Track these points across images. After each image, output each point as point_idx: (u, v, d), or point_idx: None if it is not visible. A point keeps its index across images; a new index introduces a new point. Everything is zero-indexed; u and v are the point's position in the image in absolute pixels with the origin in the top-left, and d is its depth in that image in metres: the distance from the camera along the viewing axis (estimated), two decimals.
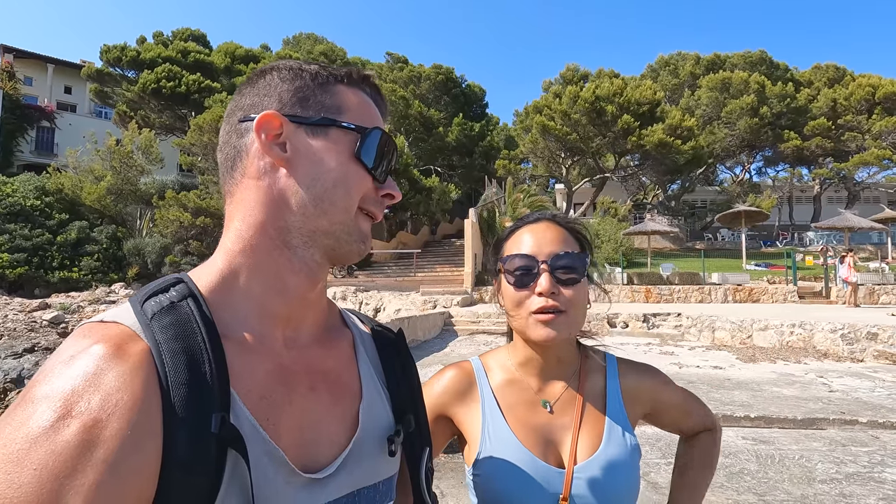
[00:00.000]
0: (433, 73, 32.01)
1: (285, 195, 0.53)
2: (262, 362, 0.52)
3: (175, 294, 0.50)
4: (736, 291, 15.99)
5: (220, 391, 0.45)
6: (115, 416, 0.39)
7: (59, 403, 0.39)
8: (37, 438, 0.37)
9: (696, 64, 32.58)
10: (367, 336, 0.68)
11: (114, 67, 28.10)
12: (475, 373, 0.93)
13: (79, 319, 12.63)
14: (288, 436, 0.50)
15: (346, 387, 0.59)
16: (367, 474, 0.56)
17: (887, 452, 4.57)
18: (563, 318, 0.82)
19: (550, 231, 0.87)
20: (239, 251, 0.53)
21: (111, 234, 20.51)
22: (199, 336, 0.47)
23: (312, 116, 0.55)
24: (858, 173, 29.18)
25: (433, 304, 14.56)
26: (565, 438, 0.86)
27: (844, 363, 8.68)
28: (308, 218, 0.53)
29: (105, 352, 0.42)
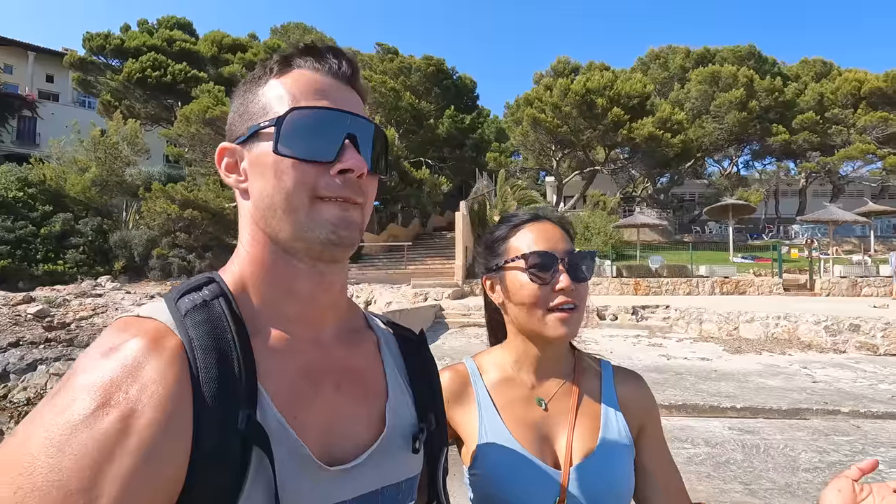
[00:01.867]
0: (424, 65, 31.76)
1: (255, 214, 0.55)
2: (289, 361, 0.53)
3: (207, 293, 0.52)
4: (723, 284, 16.20)
5: (248, 387, 0.47)
6: (151, 406, 0.42)
7: (98, 393, 0.41)
8: (77, 425, 0.39)
9: (686, 57, 32.70)
10: (390, 337, 0.69)
11: (97, 56, 27.49)
12: (469, 374, 0.94)
13: (64, 313, 12.46)
14: (314, 433, 0.52)
15: (372, 386, 0.61)
16: (391, 472, 0.57)
17: (868, 441, 4.69)
18: (577, 315, 0.84)
19: (554, 230, 0.89)
20: (248, 260, 0.56)
21: (97, 226, 20.18)
22: (230, 333, 0.49)
23: (244, 134, 0.55)
24: (843, 167, 29.63)
25: (424, 297, 14.57)
26: (560, 436, 0.86)
27: (827, 354, 8.86)
28: (278, 229, 0.53)
29: (143, 345, 0.44)
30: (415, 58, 32.51)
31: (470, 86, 35.60)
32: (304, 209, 0.52)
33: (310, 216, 0.52)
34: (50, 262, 18.55)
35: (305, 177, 0.52)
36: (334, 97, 0.55)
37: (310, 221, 0.52)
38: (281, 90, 0.54)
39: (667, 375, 6.95)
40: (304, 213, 0.52)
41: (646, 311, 12.61)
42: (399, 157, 22.25)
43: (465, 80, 35.33)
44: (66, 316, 12.25)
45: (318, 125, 0.53)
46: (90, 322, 12.32)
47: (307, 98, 0.54)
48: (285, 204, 0.52)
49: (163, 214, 18.83)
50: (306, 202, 0.52)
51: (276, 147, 0.52)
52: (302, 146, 0.52)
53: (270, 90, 0.55)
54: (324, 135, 0.53)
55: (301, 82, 0.55)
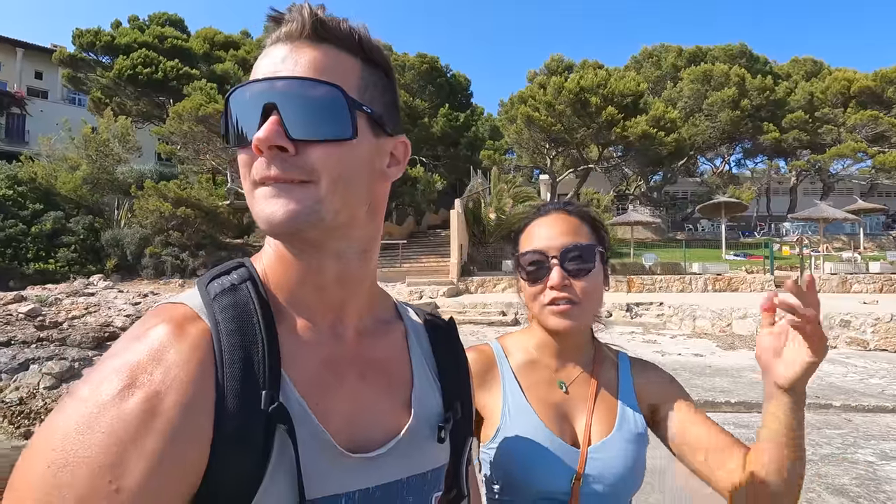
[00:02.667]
0: (418, 63, 31.67)
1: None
2: (314, 348, 0.53)
3: (236, 277, 0.53)
4: (716, 281, 16.34)
5: (272, 372, 0.48)
6: (174, 388, 0.42)
7: (125, 375, 0.42)
8: (105, 405, 0.40)
9: (678, 56, 32.85)
10: (419, 327, 0.68)
11: (87, 52, 27.14)
12: (496, 355, 0.96)
13: (56, 312, 12.34)
14: (337, 420, 0.52)
15: (398, 376, 0.61)
16: (417, 462, 0.57)
17: (859, 434, 4.77)
18: (577, 308, 0.86)
19: (561, 222, 0.90)
20: (270, 249, 0.56)
21: (88, 224, 19.97)
22: (255, 317, 0.49)
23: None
24: (833, 165, 29.91)
25: (419, 295, 14.57)
26: (579, 418, 0.89)
27: None
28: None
29: (168, 330, 0.46)
30: (408, 55, 32.41)
31: (464, 84, 35.54)
32: (250, 197, 0.50)
33: (253, 205, 0.50)
34: (41, 260, 18.34)
35: (244, 164, 0.50)
36: (272, 65, 0.50)
37: (252, 209, 0.50)
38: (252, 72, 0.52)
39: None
40: (251, 201, 0.50)
41: (640, 309, 12.70)
42: None
43: (459, 78, 35.27)
44: (58, 315, 12.13)
45: (243, 104, 0.49)
46: (83, 321, 12.20)
47: (254, 74, 0.51)
48: (245, 195, 0.51)
49: (155, 213, 18.66)
50: (249, 189, 0.50)
51: (223, 137, 0.51)
52: (235, 132, 0.50)
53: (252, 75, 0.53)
54: (247, 113, 0.49)
55: (256, 63, 0.52)
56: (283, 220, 0.48)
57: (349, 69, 0.51)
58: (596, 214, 0.95)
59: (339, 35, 0.51)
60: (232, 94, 0.50)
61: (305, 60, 0.49)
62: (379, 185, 0.56)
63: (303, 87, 0.48)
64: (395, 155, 0.58)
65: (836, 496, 3.47)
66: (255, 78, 0.50)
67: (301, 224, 0.48)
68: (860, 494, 3.50)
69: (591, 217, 0.94)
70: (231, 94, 0.50)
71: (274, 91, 0.48)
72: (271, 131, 0.47)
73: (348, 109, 0.49)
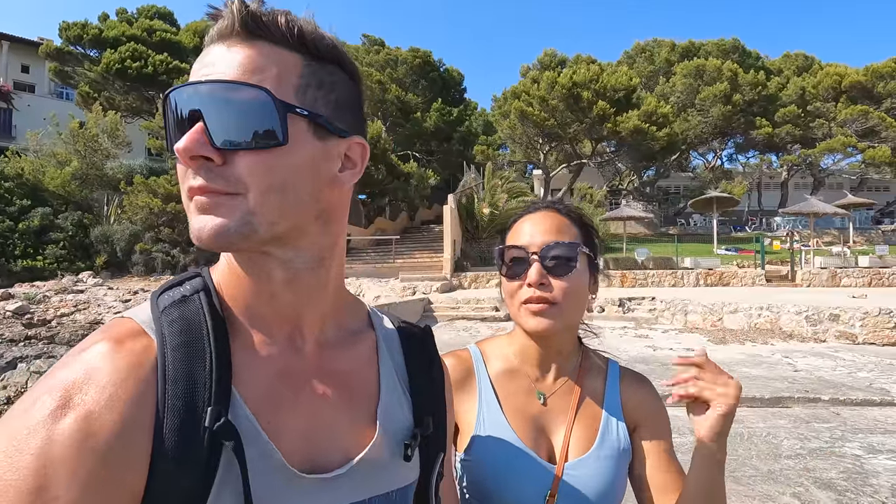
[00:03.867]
0: (410, 57, 31.51)
1: None
2: (268, 362, 0.51)
3: (189, 288, 0.50)
4: (707, 275, 16.44)
5: (220, 387, 0.45)
6: (109, 408, 0.41)
7: (59, 394, 0.41)
8: (36, 426, 0.39)
9: (671, 51, 32.93)
10: (392, 335, 0.64)
11: (74, 46, 26.76)
12: (473, 361, 0.93)
13: (45, 310, 12.21)
14: (291, 438, 0.49)
15: (362, 389, 0.57)
16: (382, 482, 0.54)
17: (847, 428, 4.81)
18: (555, 309, 0.81)
19: (548, 220, 0.86)
20: (225, 259, 0.53)
21: (77, 220, 19.74)
22: (205, 330, 0.47)
23: None
24: (824, 160, 30.16)
25: (412, 291, 14.55)
26: (558, 432, 0.86)
27: (808, 343, 9.06)
28: None
29: (107, 348, 0.44)
30: (401, 50, 32.24)
31: (457, 78, 35.43)
32: (187, 207, 0.47)
33: (187, 208, 0.47)
34: (29, 257, 18.12)
35: (180, 174, 0.47)
36: (204, 67, 0.46)
37: (189, 218, 0.46)
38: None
39: (653, 366, 7.04)
40: (188, 210, 0.47)
41: (632, 303, 12.75)
42: (386, 150, 22.07)
43: (452, 72, 35.15)
44: (46, 312, 12.00)
45: (172, 112, 0.46)
46: (71, 319, 12.09)
47: (190, 77, 0.47)
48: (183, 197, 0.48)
49: (145, 209, 18.50)
50: (187, 202, 0.46)
51: (166, 146, 0.48)
52: (169, 139, 0.46)
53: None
54: (177, 120, 0.45)
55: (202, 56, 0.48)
56: (210, 236, 0.45)
57: (287, 67, 0.47)
58: (587, 217, 0.91)
59: (275, 30, 0.47)
60: (166, 98, 0.46)
61: (235, 60, 0.45)
62: (330, 192, 0.51)
63: (227, 90, 0.44)
64: (350, 157, 0.53)
65: (824, 490, 3.50)
66: (186, 82, 0.46)
67: (231, 238, 0.45)
68: (847, 488, 3.53)
69: (581, 218, 0.90)
70: (165, 97, 0.46)
71: (198, 96, 0.44)
72: (193, 140, 0.43)
73: (277, 113, 0.45)
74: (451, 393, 0.69)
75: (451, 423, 0.68)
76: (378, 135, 21.31)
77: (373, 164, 20.82)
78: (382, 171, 21.09)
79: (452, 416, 0.70)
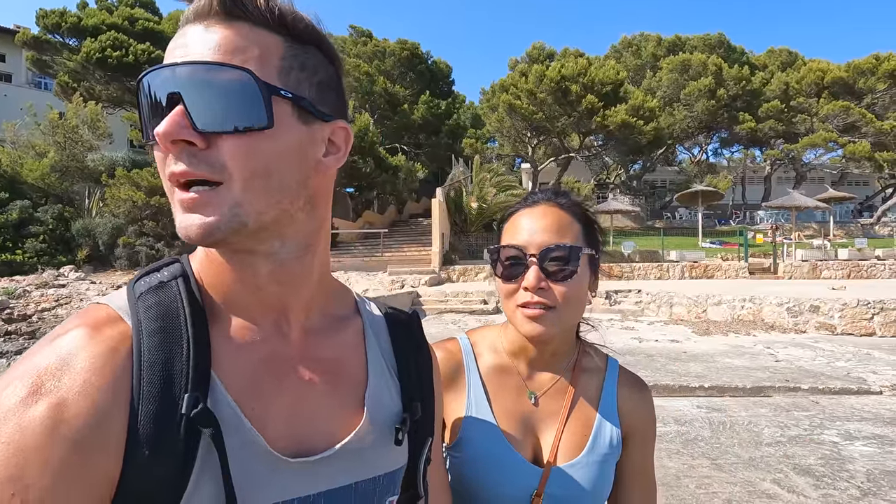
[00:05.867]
0: (398, 49, 31.27)
1: None
2: (251, 348, 0.50)
3: (167, 274, 0.50)
4: (692, 268, 16.67)
5: (197, 374, 0.44)
6: (83, 395, 0.40)
7: (31, 380, 0.40)
8: (6, 413, 0.38)
9: (657, 45, 33.12)
10: (379, 321, 0.64)
11: (52, 34, 26.03)
12: (463, 354, 0.89)
13: (25, 305, 11.96)
14: (276, 423, 0.49)
15: (350, 375, 0.57)
16: (369, 466, 0.54)
17: (826, 416, 4.94)
18: (553, 314, 0.77)
19: (548, 216, 0.80)
20: (200, 248, 0.52)
21: (57, 213, 19.30)
22: (182, 316, 0.46)
23: None
24: (806, 155, 30.68)
25: (401, 284, 14.54)
26: (547, 434, 0.83)
27: (789, 334, 9.26)
28: None
29: (83, 333, 0.43)
30: (389, 41, 31.96)
31: (445, 71, 35.26)
32: (171, 199, 0.45)
33: (170, 200, 0.45)
34: (7, 251, 17.70)
35: (159, 161, 0.45)
36: (180, 48, 0.45)
37: (173, 212, 0.45)
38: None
39: (639, 357, 7.14)
40: (171, 204, 0.45)
41: (619, 296, 12.89)
42: (374, 142, 21.92)
43: (441, 64, 34.97)
44: (26, 308, 11.76)
45: (147, 96, 0.44)
46: (53, 314, 11.86)
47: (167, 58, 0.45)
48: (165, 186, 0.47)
49: (128, 202, 18.15)
50: (170, 190, 0.45)
51: (142, 135, 0.46)
52: (145, 125, 0.45)
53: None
54: (154, 104, 0.44)
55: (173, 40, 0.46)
56: (200, 234, 0.44)
57: (268, 49, 0.45)
58: (590, 210, 0.85)
59: (254, 10, 0.45)
60: (140, 83, 0.44)
61: (214, 41, 0.44)
62: (316, 177, 0.50)
63: (208, 72, 0.43)
64: (334, 142, 0.52)
65: (803, 476, 3.60)
66: (162, 64, 0.44)
67: (220, 235, 0.44)
68: (825, 473, 3.63)
69: (585, 213, 0.83)
70: (139, 82, 0.44)
71: (177, 78, 0.43)
72: (174, 123, 0.42)
73: (261, 95, 0.43)
74: (439, 377, 0.69)
75: (439, 408, 0.68)
76: (366, 127, 21.14)
77: (361, 157, 20.65)
78: (370, 164, 20.95)
79: (441, 402, 0.70)
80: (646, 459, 0.88)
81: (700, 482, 3.52)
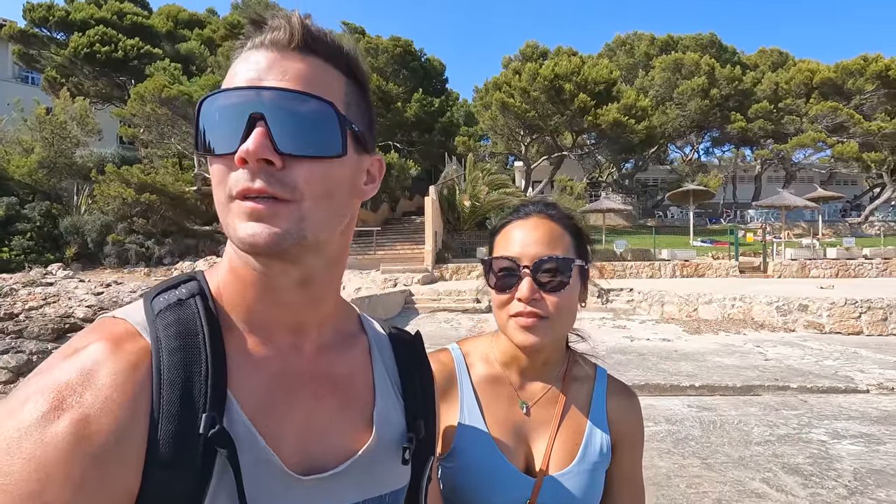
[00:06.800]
0: (391, 46, 31.10)
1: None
2: (264, 368, 0.51)
3: (184, 291, 0.51)
4: (683, 267, 16.80)
5: (215, 392, 0.46)
6: (104, 412, 0.41)
7: (52, 395, 0.40)
8: (28, 428, 0.38)
9: (650, 44, 33.25)
10: (384, 340, 0.66)
11: (40, 28, 25.64)
12: (455, 365, 0.90)
13: (12, 303, 11.80)
14: (289, 441, 0.50)
15: (358, 393, 0.58)
16: (377, 484, 0.55)
17: (814, 415, 5.00)
18: (546, 324, 0.79)
19: (540, 228, 0.82)
20: (226, 263, 0.54)
21: (45, 210, 19.02)
22: (201, 335, 0.47)
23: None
24: (795, 155, 30.97)
25: (394, 283, 14.51)
26: (539, 443, 0.84)
27: (778, 333, 9.36)
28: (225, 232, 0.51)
29: (103, 349, 0.44)
30: (382, 38, 31.79)
31: (439, 68, 35.14)
32: (224, 210, 0.47)
33: (227, 218, 0.47)
34: None
35: (220, 174, 0.47)
36: (255, 72, 0.47)
37: (227, 224, 0.47)
38: (226, 79, 0.49)
39: (630, 356, 7.19)
40: (224, 214, 0.47)
41: (610, 294, 12.96)
42: None
43: (434, 62, 34.84)
44: (13, 306, 11.59)
45: (223, 112, 0.47)
46: (41, 312, 11.71)
47: (226, 83, 0.48)
48: (216, 206, 0.49)
49: (118, 199, 17.92)
50: (224, 201, 0.47)
51: (196, 145, 0.48)
52: (212, 139, 0.47)
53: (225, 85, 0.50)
54: (229, 121, 0.46)
55: (233, 66, 0.49)
56: (267, 242, 0.45)
57: (336, 84, 0.50)
58: (580, 221, 0.88)
59: (327, 49, 0.50)
60: (207, 100, 0.47)
61: (293, 72, 0.47)
62: (356, 203, 0.55)
63: (294, 100, 0.46)
64: (370, 172, 0.57)
65: (791, 475, 3.64)
66: (237, 84, 0.47)
67: (285, 245, 0.46)
68: (813, 472, 3.68)
69: (575, 225, 0.86)
70: (206, 98, 0.47)
71: (261, 101, 0.46)
72: (260, 143, 0.44)
73: (339, 126, 0.48)
74: (438, 397, 0.71)
75: (439, 427, 0.69)
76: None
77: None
78: None
79: (440, 421, 0.72)
80: (634, 465, 0.90)
81: (690, 482, 3.55)
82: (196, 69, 25.47)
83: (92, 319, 10.41)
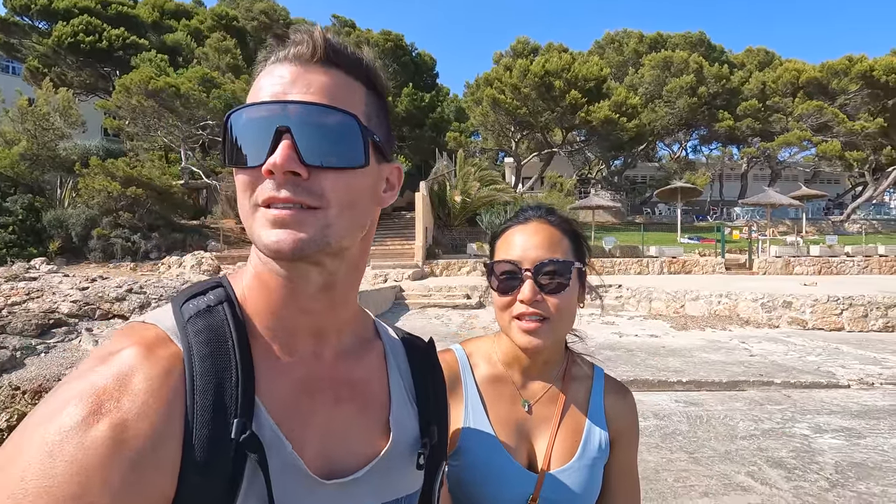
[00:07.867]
0: (382, 40, 30.93)
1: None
2: (288, 373, 0.53)
3: (213, 298, 0.52)
4: (671, 264, 17.00)
5: (245, 398, 0.47)
6: (142, 417, 0.42)
7: (90, 400, 0.41)
8: (69, 432, 0.39)
9: (640, 42, 33.43)
10: (398, 346, 0.67)
11: (21, 16, 25.06)
12: (460, 365, 0.93)
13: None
14: (312, 446, 0.51)
15: (375, 398, 0.60)
16: (393, 487, 0.57)
17: (797, 409, 5.12)
18: (547, 325, 0.82)
19: (541, 233, 0.86)
20: (251, 270, 0.55)
21: (27, 204, 18.66)
22: (230, 342, 0.49)
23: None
24: (781, 153, 31.43)
25: (384, 278, 14.50)
26: (541, 440, 0.88)
27: (763, 329, 9.54)
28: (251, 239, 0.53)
29: (138, 354, 0.45)
30: (372, 32, 31.60)
31: (429, 63, 35.03)
32: (249, 218, 0.49)
33: (253, 226, 0.49)
34: None
35: (246, 183, 0.49)
36: (280, 85, 0.49)
37: (252, 231, 0.49)
38: (251, 92, 0.51)
39: (619, 352, 7.27)
40: (250, 221, 0.49)
41: (599, 290, 13.09)
42: None
43: (425, 57, 34.72)
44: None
45: (249, 124, 0.48)
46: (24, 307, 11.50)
47: (252, 97, 0.50)
48: (241, 214, 0.51)
49: (102, 192, 17.65)
50: (249, 210, 0.49)
51: (223, 158, 0.50)
52: (240, 151, 0.49)
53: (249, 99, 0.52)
54: (255, 134, 0.48)
55: (257, 80, 0.51)
56: (292, 248, 0.47)
57: (357, 96, 0.52)
58: (578, 227, 0.92)
59: (348, 61, 0.51)
60: (234, 114, 0.49)
61: (317, 86, 0.49)
62: (376, 210, 0.57)
63: (319, 113, 0.48)
64: (389, 180, 0.58)
65: (775, 468, 3.73)
66: (262, 99, 0.49)
67: (309, 251, 0.48)
68: (796, 466, 3.77)
69: (573, 229, 0.90)
70: (233, 112, 0.49)
71: (287, 115, 0.47)
72: (286, 156, 0.46)
73: (362, 138, 0.50)
74: (448, 402, 0.72)
75: (449, 431, 0.71)
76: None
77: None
78: None
79: (450, 425, 0.74)
80: (630, 461, 0.94)
81: (678, 476, 3.62)
82: (183, 61, 25.08)
83: (77, 315, 10.24)
